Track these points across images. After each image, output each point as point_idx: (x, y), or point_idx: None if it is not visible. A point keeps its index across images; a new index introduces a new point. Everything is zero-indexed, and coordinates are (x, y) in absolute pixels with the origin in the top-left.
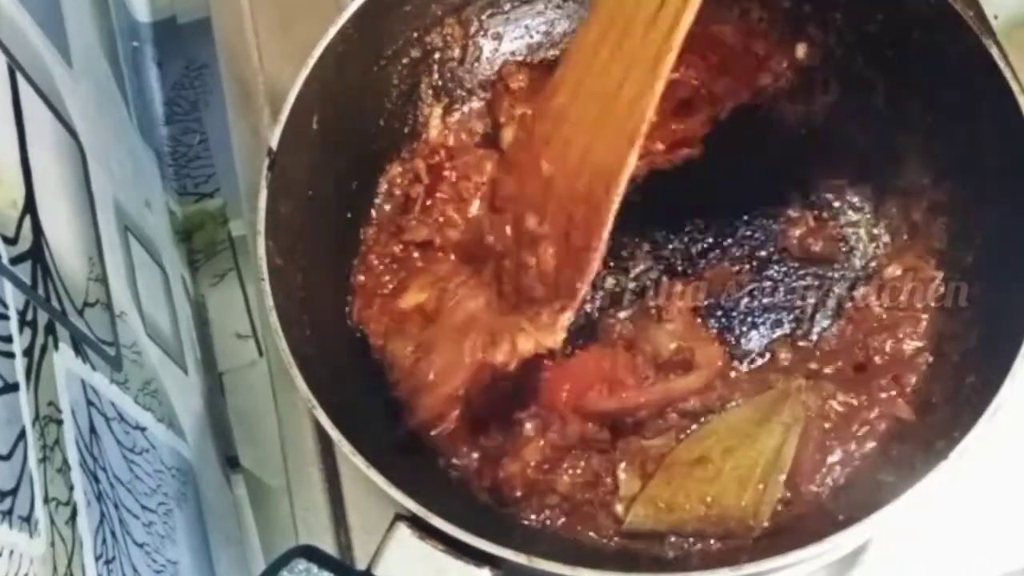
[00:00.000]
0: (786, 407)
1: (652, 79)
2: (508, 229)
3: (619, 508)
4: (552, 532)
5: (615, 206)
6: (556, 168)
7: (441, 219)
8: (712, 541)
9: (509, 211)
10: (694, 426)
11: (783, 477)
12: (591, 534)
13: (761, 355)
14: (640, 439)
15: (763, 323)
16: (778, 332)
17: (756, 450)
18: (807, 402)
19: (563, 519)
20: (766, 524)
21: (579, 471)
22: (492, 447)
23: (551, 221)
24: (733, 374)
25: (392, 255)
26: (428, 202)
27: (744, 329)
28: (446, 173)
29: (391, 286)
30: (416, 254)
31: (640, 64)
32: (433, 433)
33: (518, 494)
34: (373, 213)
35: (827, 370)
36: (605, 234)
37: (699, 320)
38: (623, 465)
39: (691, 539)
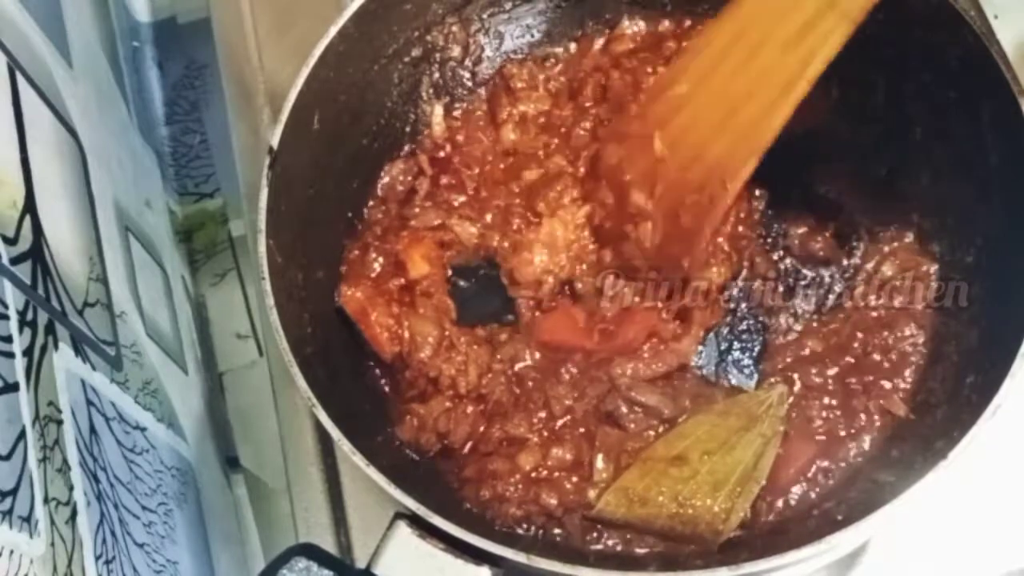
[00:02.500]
0: (767, 419)
1: (783, 105)
2: (609, 198)
3: (592, 494)
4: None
5: (731, 200)
6: (669, 151)
7: (444, 206)
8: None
9: (611, 181)
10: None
11: (759, 486)
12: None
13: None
14: (621, 432)
15: (762, 322)
16: (778, 330)
17: (734, 458)
18: (793, 408)
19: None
20: (734, 532)
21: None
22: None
23: (658, 201)
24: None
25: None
26: (432, 192)
27: (743, 327)
28: (449, 166)
29: (386, 270)
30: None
31: (772, 85)
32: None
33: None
34: (374, 211)
35: (826, 368)
36: (718, 220)
37: None
38: (601, 455)
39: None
